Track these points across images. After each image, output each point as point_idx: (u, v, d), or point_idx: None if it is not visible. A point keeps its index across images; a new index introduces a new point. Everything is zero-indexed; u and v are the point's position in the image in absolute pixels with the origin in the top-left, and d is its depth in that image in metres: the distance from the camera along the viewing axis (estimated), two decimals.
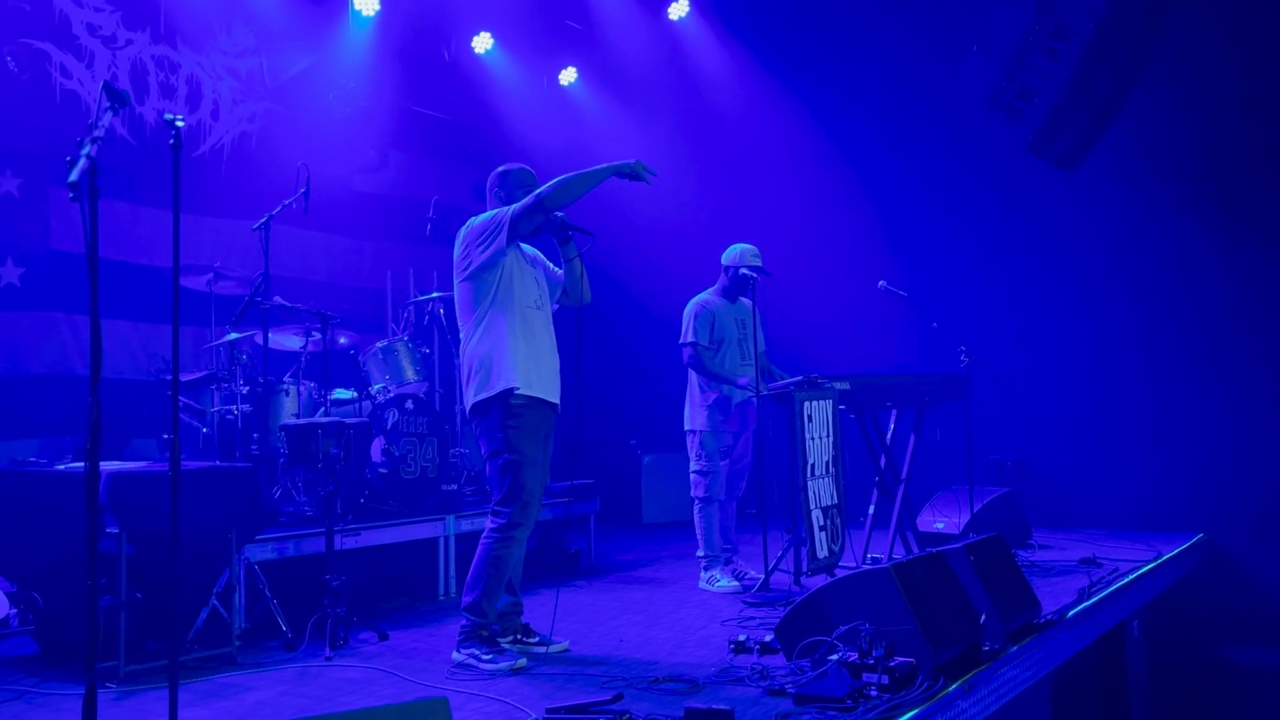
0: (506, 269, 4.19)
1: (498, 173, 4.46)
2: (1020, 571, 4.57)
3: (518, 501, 4.07)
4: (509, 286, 4.19)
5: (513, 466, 4.07)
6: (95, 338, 2.02)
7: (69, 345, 6.45)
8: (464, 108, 9.32)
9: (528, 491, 4.08)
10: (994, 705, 3.75)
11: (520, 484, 4.06)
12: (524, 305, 4.21)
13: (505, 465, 4.09)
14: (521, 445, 4.08)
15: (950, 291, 7.85)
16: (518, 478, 4.07)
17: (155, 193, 6.82)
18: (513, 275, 4.21)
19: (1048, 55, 6.51)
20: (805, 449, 5.26)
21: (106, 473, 3.96)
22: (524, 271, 4.28)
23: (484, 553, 4.11)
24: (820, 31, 8.68)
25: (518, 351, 4.13)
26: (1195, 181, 7.21)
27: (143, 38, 7.13)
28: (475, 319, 4.22)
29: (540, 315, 4.30)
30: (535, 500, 4.13)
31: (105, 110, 2.26)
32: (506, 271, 4.19)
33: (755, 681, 3.65)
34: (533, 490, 4.10)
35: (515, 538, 4.11)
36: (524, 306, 4.21)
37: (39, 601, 4.33)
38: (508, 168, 4.45)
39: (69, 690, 3.81)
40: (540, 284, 4.38)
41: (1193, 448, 7.24)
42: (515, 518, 4.08)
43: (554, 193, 4.11)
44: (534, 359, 4.18)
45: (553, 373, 4.31)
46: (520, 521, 4.10)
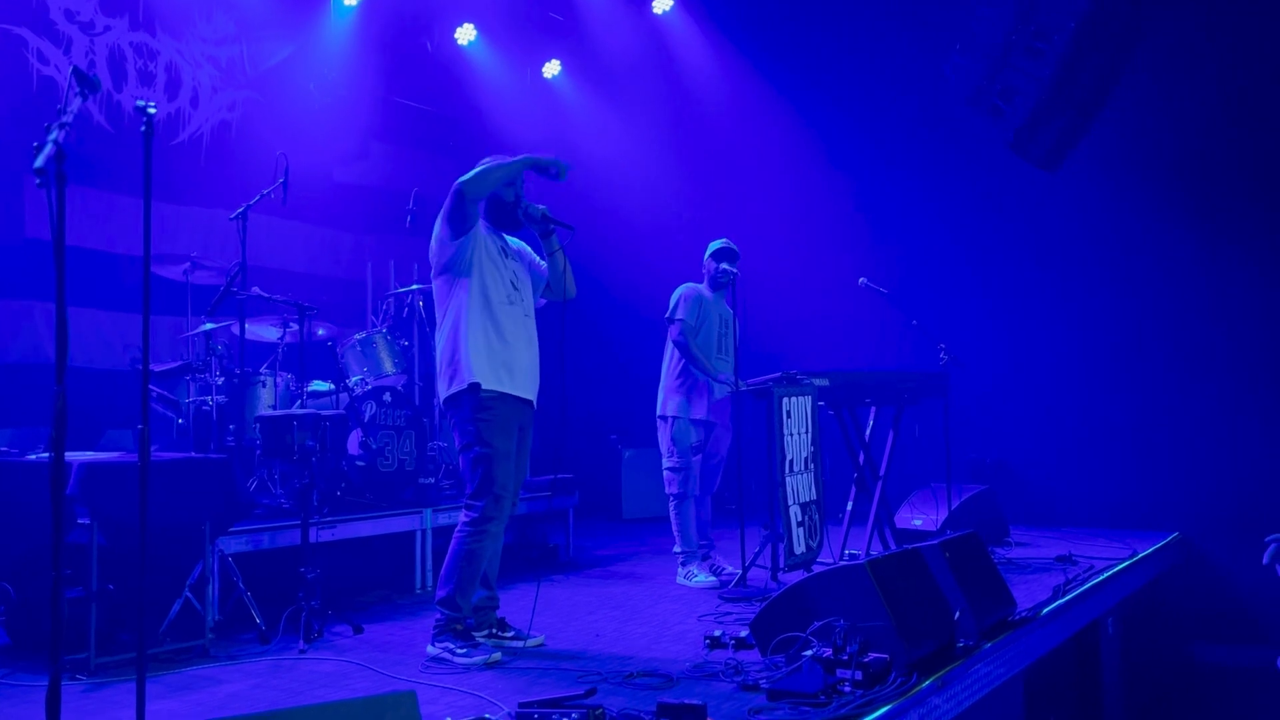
0: (473, 263, 4.14)
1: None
2: (995, 568, 4.58)
3: (489, 495, 4.06)
4: (478, 281, 4.14)
5: (483, 460, 4.06)
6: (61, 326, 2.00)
7: (42, 334, 6.39)
8: (446, 99, 9.27)
9: (499, 485, 4.06)
10: (967, 701, 3.76)
11: (491, 477, 4.05)
12: (495, 300, 4.16)
13: (476, 459, 4.08)
14: (493, 439, 4.06)
15: (930, 289, 7.88)
16: (489, 471, 4.06)
17: (133, 181, 6.75)
18: (482, 269, 4.16)
19: (1030, 55, 6.53)
20: (784, 445, 5.26)
21: (78, 463, 3.93)
22: (496, 265, 4.22)
23: (457, 546, 4.09)
24: (804, 27, 8.69)
25: (485, 347, 4.11)
26: (1175, 181, 7.25)
27: (121, 24, 7.06)
28: (445, 313, 4.22)
29: (514, 310, 4.23)
30: (508, 494, 4.12)
31: (74, 96, 2.23)
32: (474, 266, 4.15)
33: (729, 677, 3.65)
34: (504, 484, 4.09)
35: (488, 531, 4.09)
36: (495, 301, 4.16)
37: (11, 592, 4.29)
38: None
39: (40, 681, 3.77)
40: (519, 278, 4.33)
41: (1169, 447, 7.29)
42: (487, 511, 4.07)
43: (471, 181, 4.07)
44: (504, 354, 4.14)
45: (527, 369, 4.25)
46: (493, 515, 4.08)
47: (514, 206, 4.30)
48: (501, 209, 4.30)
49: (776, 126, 8.86)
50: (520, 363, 4.21)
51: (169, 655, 4.10)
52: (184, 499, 4.22)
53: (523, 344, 4.24)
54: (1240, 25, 6.93)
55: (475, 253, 4.15)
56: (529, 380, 4.26)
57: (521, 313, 4.28)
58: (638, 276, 8.58)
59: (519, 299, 4.29)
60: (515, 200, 4.30)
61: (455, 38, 8.92)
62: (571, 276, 4.47)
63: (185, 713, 3.45)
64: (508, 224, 4.37)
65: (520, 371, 4.21)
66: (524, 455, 4.32)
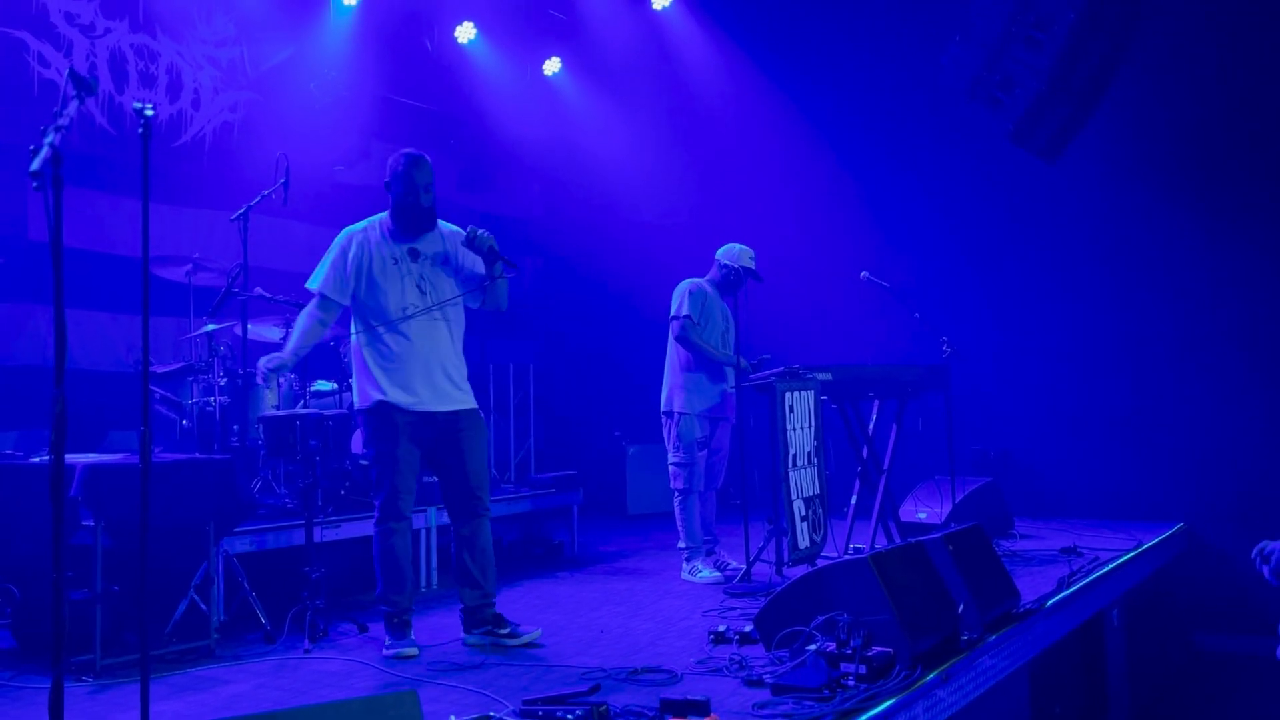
0: (359, 282, 4.24)
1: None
2: (999, 561, 4.59)
3: (382, 497, 4.21)
4: (367, 297, 4.23)
5: (376, 463, 4.25)
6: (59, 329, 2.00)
7: (47, 337, 6.40)
8: (447, 98, 9.27)
9: (390, 489, 4.18)
10: (972, 694, 3.76)
11: (382, 481, 4.20)
12: (390, 314, 4.17)
13: (372, 462, 4.30)
14: (381, 445, 4.20)
15: (932, 282, 7.88)
16: (380, 475, 4.22)
17: (135, 183, 6.68)
18: (374, 286, 4.22)
19: (1029, 45, 6.51)
20: (787, 439, 5.26)
21: (82, 465, 3.94)
22: (390, 279, 4.22)
23: (373, 548, 4.28)
24: (803, 21, 8.68)
25: (374, 362, 4.21)
26: (1175, 171, 7.24)
27: (121, 26, 7.06)
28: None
29: (413, 324, 4.18)
30: (404, 498, 4.20)
31: (71, 99, 2.23)
32: (361, 285, 4.23)
33: (733, 672, 3.66)
34: (397, 488, 4.18)
35: (392, 529, 4.21)
36: (387, 316, 4.18)
37: (16, 594, 4.30)
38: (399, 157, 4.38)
39: (44, 683, 3.77)
40: (424, 288, 4.26)
41: (1173, 438, 7.29)
42: (384, 511, 4.21)
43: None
44: (396, 368, 4.18)
45: (426, 380, 4.20)
46: (389, 516, 4.21)
47: (427, 213, 4.29)
48: (413, 212, 4.28)
49: (776, 120, 8.85)
50: (416, 374, 4.20)
51: (174, 656, 4.12)
52: (188, 500, 4.23)
53: (421, 355, 4.21)
54: (1240, 13, 6.91)
55: (361, 272, 4.23)
56: (430, 391, 4.22)
57: (421, 324, 4.22)
58: (639, 273, 8.58)
59: (425, 304, 4.23)
60: (430, 207, 4.29)
61: (455, 36, 8.91)
62: (505, 295, 4.40)
63: (190, 713, 3.46)
64: (416, 227, 4.31)
65: (418, 383, 4.20)
66: (460, 469, 4.29)
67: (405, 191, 4.27)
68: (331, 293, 4.25)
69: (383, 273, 4.22)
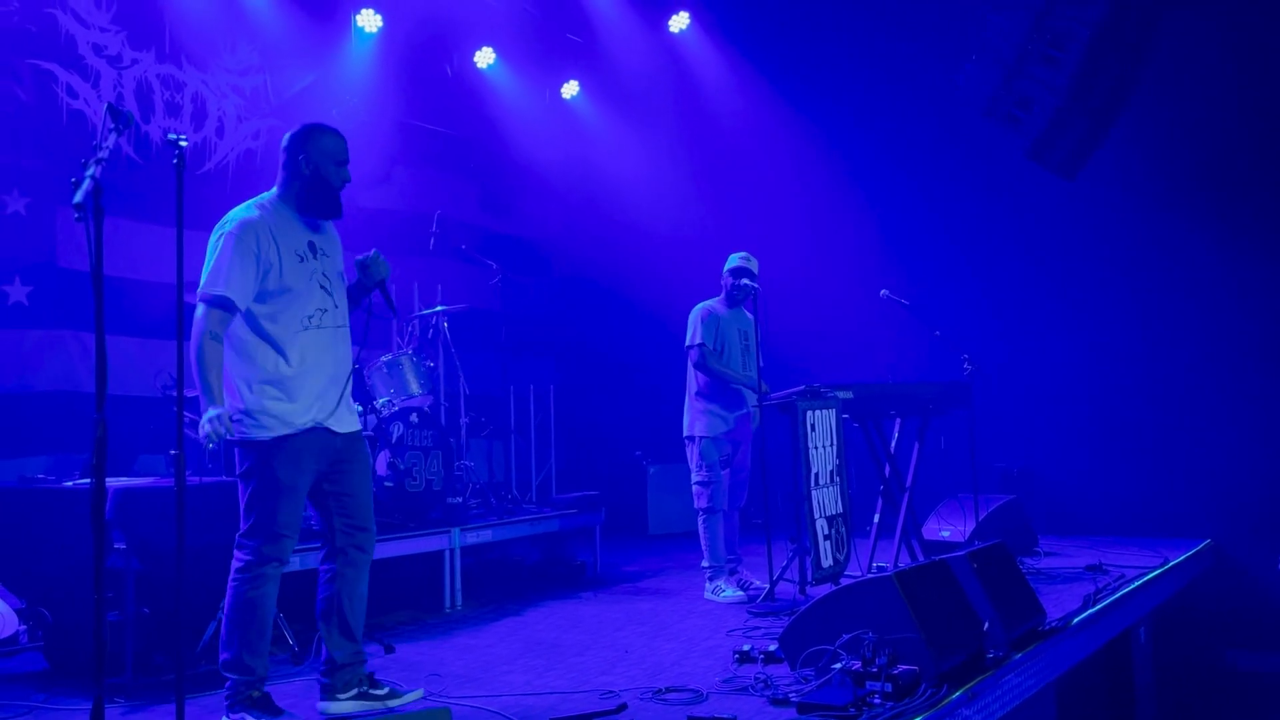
0: (266, 281, 3.52)
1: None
2: (1024, 578, 4.58)
3: (261, 538, 3.49)
4: (269, 299, 3.53)
5: (256, 497, 3.50)
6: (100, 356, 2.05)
7: (76, 362, 6.49)
8: (467, 122, 9.37)
9: (274, 527, 3.49)
10: (998, 713, 3.76)
11: (263, 519, 3.48)
12: (294, 321, 3.56)
13: (251, 496, 3.52)
14: (266, 475, 3.50)
15: (953, 299, 7.87)
16: (261, 511, 3.49)
17: (160, 210, 6.85)
18: (283, 286, 3.53)
19: (1045, 63, 6.55)
20: (809, 458, 5.27)
21: (113, 489, 3.99)
22: (298, 278, 3.55)
23: (233, 597, 3.47)
24: (819, 42, 8.73)
25: (260, 378, 3.53)
26: (1195, 185, 7.23)
27: (148, 57, 7.18)
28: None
29: (319, 333, 3.59)
30: (290, 539, 3.55)
31: (109, 131, 2.29)
32: (269, 284, 3.52)
33: (759, 691, 3.67)
34: (282, 527, 3.50)
35: (267, 576, 3.50)
36: (290, 323, 3.55)
37: (48, 617, 4.36)
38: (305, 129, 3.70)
39: (78, 705, 3.84)
40: (327, 288, 3.64)
41: (1199, 453, 7.24)
42: (262, 554, 3.48)
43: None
44: (292, 385, 3.53)
45: (323, 399, 3.59)
46: (269, 558, 3.49)
47: (337, 197, 3.65)
48: (324, 193, 3.62)
49: (794, 141, 8.89)
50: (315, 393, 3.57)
51: (204, 677, 4.15)
52: (217, 522, 4.26)
53: (327, 366, 3.61)
54: (1256, 27, 6.91)
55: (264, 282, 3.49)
56: (323, 406, 3.59)
57: (332, 325, 3.63)
58: (659, 292, 8.61)
59: (330, 307, 3.62)
60: (341, 185, 3.65)
61: (475, 61, 9.02)
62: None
63: None
64: (326, 211, 3.66)
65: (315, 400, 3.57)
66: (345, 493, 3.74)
67: (319, 165, 3.58)
68: (237, 297, 3.42)
69: (293, 270, 3.52)
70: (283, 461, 3.48)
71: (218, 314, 3.43)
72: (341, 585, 3.69)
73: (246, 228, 3.47)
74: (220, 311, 3.43)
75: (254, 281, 3.45)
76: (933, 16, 8.02)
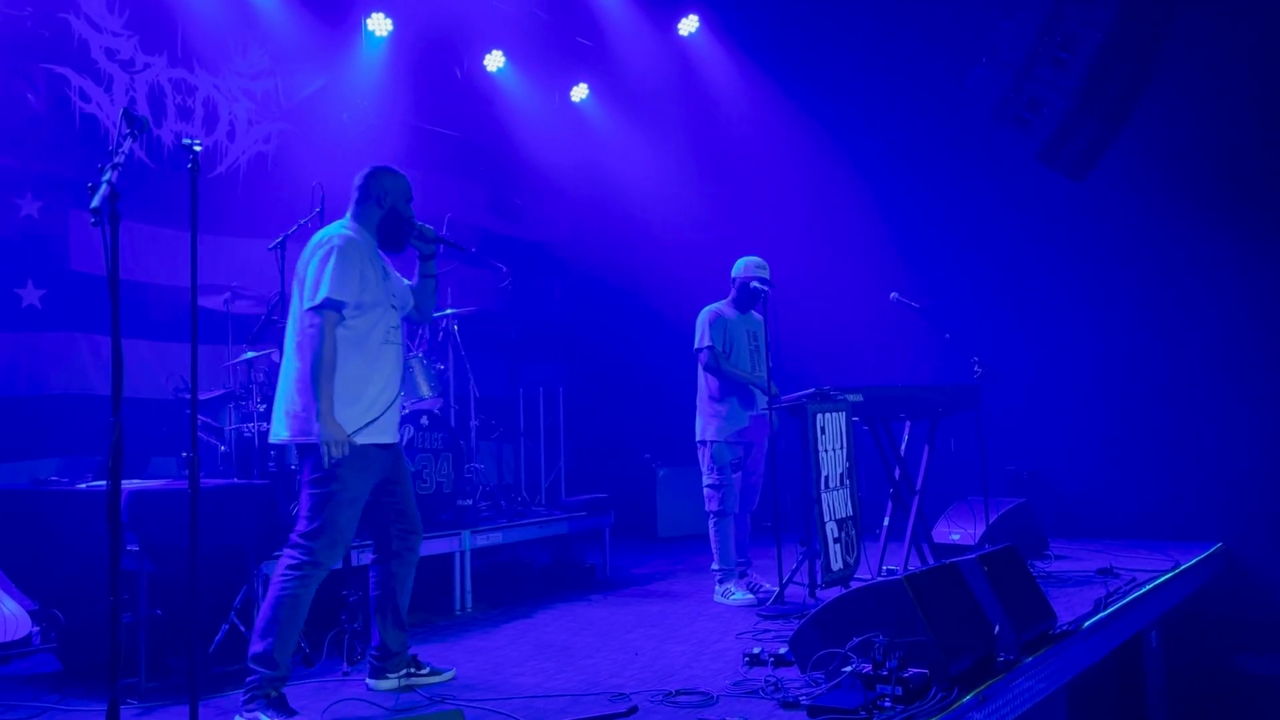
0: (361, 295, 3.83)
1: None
2: (1035, 582, 4.57)
3: (321, 540, 3.69)
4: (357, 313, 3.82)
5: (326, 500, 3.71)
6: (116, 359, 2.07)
7: (89, 365, 6.53)
8: (477, 125, 9.39)
9: (335, 532, 3.71)
10: (1009, 716, 3.75)
11: (328, 522, 3.70)
12: (373, 336, 3.87)
13: (320, 498, 3.72)
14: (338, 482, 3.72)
15: (963, 302, 7.86)
16: (329, 514, 3.71)
17: (173, 214, 6.89)
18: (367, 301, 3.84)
19: (1055, 65, 6.54)
20: (818, 461, 5.27)
21: (127, 491, 4.01)
22: (378, 297, 3.88)
23: (280, 593, 3.65)
24: (828, 44, 8.73)
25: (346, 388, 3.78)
26: (1205, 187, 7.20)
27: (160, 61, 7.22)
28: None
29: (390, 349, 3.93)
30: (345, 544, 3.83)
31: (125, 136, 2.31)
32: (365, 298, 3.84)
33: (769, 694, 3.67)
34: (343, 532, 3.75)
35: (316, 577, 3.72)
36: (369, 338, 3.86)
37: (61, 619, 4.38)
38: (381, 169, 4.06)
39: (91, 707, 3.85)
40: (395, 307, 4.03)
41: (1210, 456, 7.21)
42: (319, 555, 3.69)
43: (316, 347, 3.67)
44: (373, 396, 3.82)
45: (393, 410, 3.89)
46: (323, 561, 3.71)
47: (409, 223, 4.01)
48: (398, 226, 3.99)
49: (803, 143, 8.89)
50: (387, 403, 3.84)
51: (216, 679, 4.17)
52: (229, 525, 4.30)
53: (395, 382, 3.91)
54: (1267, 28, 6.88)
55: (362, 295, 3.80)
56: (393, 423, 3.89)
57: (398, 341, 3.97)
58: (669, 294, 8.61)
59: (398, 324, 4.00)
60: (410, 216, 4.02)
61: (484, 65, 9.05)
62: (431, 301, 4.24)
63: None
64: (396, 242, 4.03)
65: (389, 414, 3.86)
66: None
67: (403, 203, 3.99)
68: (348, 299, 3.71)
69: (377, 287, 3.84)
70: (354, 470, 3.71)
71: (332, 317, 3.68)
72: (396, 584, 4.06)
73: (349, 243, 3.78)
74: (335, 314, 3.68)
75: (356, 291, 3.73)
76: (942, 18, 8.01)
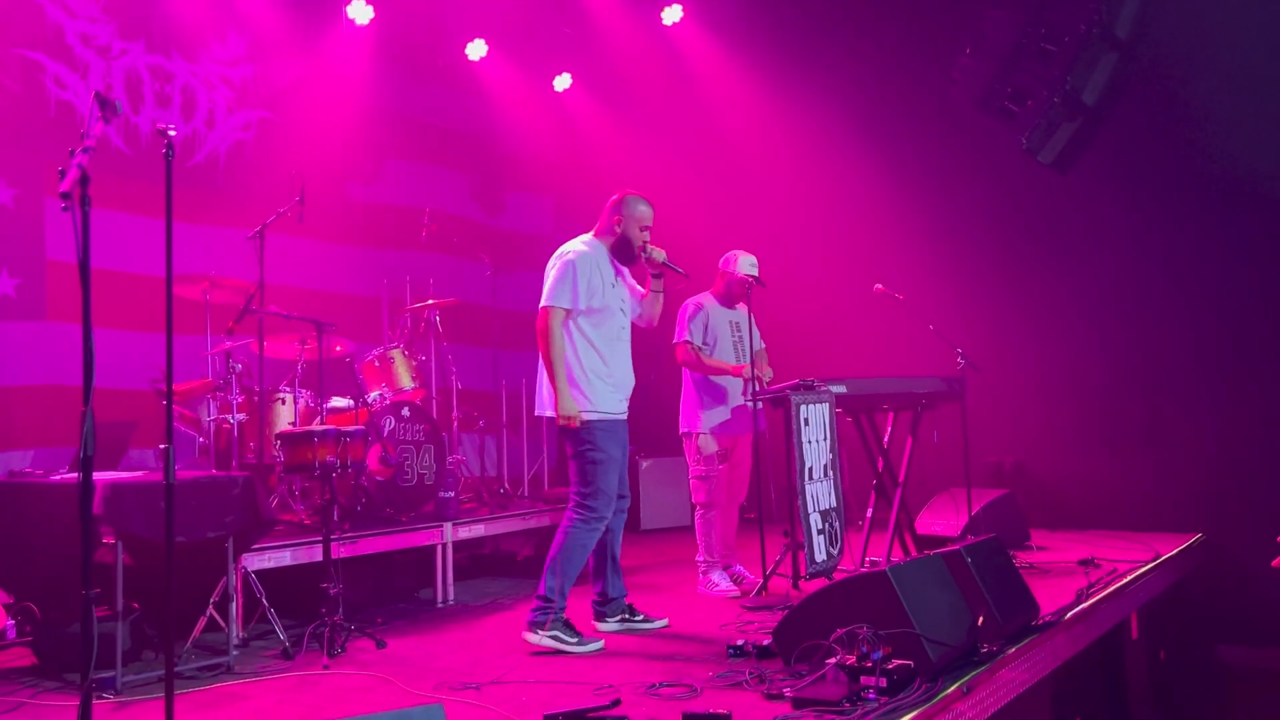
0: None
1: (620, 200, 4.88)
2: (1018, 573, 4.57)
3: (599, 498, 4.65)
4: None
5: (601, 465, 4.71)
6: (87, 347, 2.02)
7: (63, 356, 6.44)
8: (459, 114, 9.33)
9: (606, 489, 4.67)
10: (993, 707, 3.75)
11: (601, 482, 4.68)
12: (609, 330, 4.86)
13: (597, 464, 4.70)
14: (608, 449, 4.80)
15: (947, 294, 7.84)
16: (600, 477, 4.69)
17: (151, 202, 6.77)
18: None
19: (1040, 57, 6.53)
20: (802, 452, 5.25)
21: (103, 483, 3.95)
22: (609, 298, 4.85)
23: (568, 539, 4.57)
24: (812, 35, 8.69)
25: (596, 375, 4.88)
26: (1189, 182, 7.21)
27: (137, 48, 7.13)
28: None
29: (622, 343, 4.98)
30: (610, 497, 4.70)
31: (96, 120, 2.26)
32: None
33: (753, 685, 3.65)
34: (607, 489, 4.68)
35: (597, 528, 4.66)
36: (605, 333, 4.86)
37: (36, 612, 4.32)
38: (627, 198, 4.87)
39: (67, 701, 3.80)
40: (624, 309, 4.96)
41: (1189, 448, 7.24)
42: (597, 510, 4.65)
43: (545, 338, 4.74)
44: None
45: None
46: (600, 514, 4.67)
47: (637, 247, 4.78)
48: (628, 246, 4.81)
49: (787, 133, 8.86)
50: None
51: (194, 672, 4.13)
52: (207, 517, 4.24)
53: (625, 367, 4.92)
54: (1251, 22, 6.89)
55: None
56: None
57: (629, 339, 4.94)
58: None
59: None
60: (643, 242, 4.79)
61: (467, 53, 8.98)
62: (659, 309, 5.00)
63: None
64: (627, 259, 4.85)
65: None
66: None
67: (627, 227, 4.81)
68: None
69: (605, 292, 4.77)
70: (612, 439, 4.74)
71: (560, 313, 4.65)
72: (611, 537, 4.80)
73: (583, 258, 4.68)
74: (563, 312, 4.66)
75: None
76: (928, 8, 8.00)
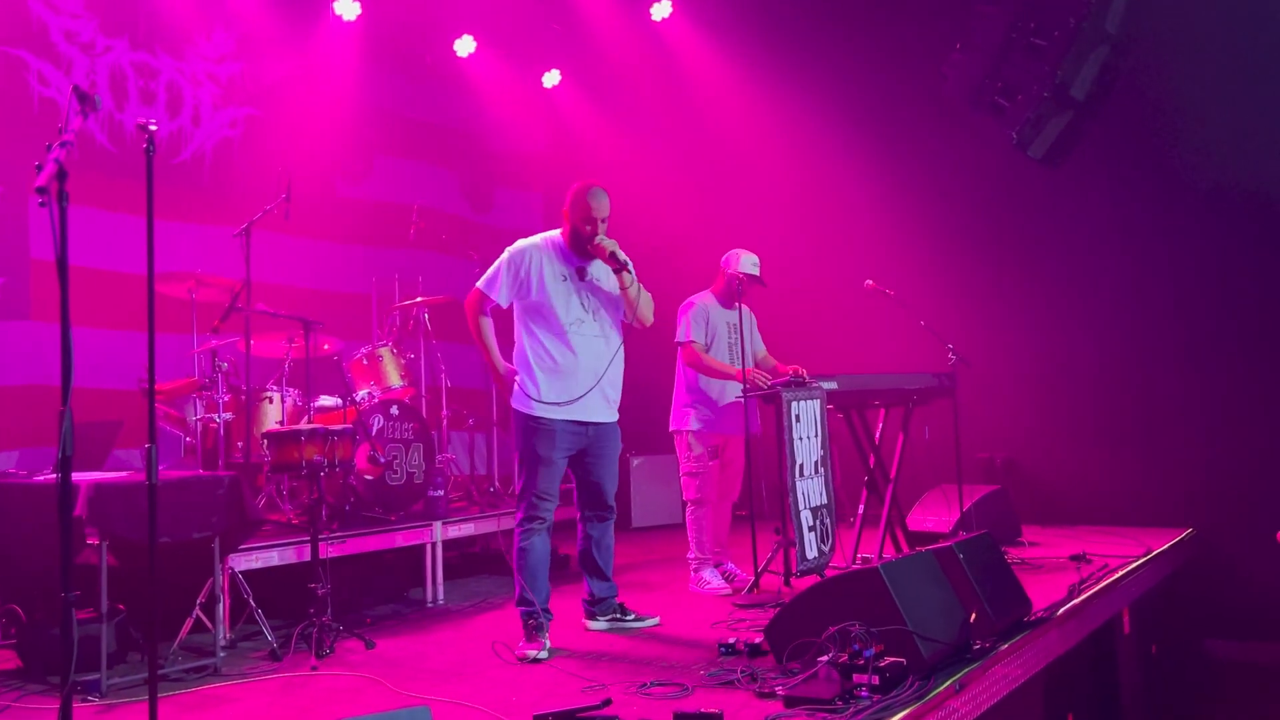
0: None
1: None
2: (1009, 569, 4.56)
3: (527, 501, 4.59)
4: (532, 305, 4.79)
5: (527, 465, 4.62)
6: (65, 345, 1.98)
7: (48, 355, 6.38)
8: (447, 111, 9.28)
9: (537, 491, 4.58)
10: (986, 703, 3.73)
11: (530, 483, 4.60)
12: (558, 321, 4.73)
13: (526, 465, 4.63)
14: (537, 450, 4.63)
15: (937, 289, 7.83)
16: (529, 477, 4.61)
17: (136, 200, 6.68)
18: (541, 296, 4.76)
19: (1030, 52, 6.51)
20: (793, 449, 5.23)
21: (87, 483, 3.91)
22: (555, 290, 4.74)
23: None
24: (803, 30, 8.67)
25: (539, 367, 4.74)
26: (1179, 177, 7.20)
27: (121, 44, 7.07)
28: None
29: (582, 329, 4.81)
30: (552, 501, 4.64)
31: (75, 114, 2.22)
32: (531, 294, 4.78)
33: (745, 684, 3.62)
34: (545, 491, 4.60)
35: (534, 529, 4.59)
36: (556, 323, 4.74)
37: (21, 615, 4.28)
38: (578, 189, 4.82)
39: (52, 705, 3.75)
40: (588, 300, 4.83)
41: (1180, 442, 7.24)
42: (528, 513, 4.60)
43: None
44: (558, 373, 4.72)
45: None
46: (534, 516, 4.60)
47: (586, 240, 4.69)
48: (578, 239, 4.73)
49: (778, 130, 8.83)
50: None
51: (180, 674, 4.09)
52: (194, 517, 4.20)
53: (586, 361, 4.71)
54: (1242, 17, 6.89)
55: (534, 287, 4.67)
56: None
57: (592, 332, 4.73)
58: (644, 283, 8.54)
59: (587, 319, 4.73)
60: (589, 235, 4.67)
61: (455, 49, 8.93)
62: (646, 308, 4.84)
63: None
64: (582, 252, 4.76)
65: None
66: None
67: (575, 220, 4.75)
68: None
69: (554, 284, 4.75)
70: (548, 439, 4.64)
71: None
72: (593, 546, 4.82)
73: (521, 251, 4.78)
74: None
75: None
76: (919, 2, 7.97)
